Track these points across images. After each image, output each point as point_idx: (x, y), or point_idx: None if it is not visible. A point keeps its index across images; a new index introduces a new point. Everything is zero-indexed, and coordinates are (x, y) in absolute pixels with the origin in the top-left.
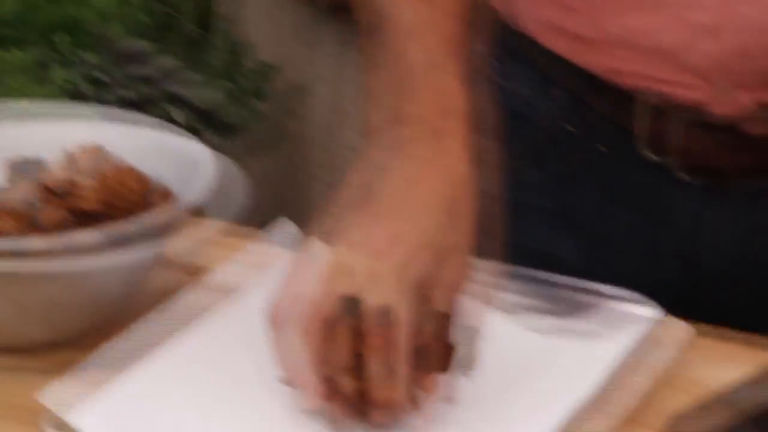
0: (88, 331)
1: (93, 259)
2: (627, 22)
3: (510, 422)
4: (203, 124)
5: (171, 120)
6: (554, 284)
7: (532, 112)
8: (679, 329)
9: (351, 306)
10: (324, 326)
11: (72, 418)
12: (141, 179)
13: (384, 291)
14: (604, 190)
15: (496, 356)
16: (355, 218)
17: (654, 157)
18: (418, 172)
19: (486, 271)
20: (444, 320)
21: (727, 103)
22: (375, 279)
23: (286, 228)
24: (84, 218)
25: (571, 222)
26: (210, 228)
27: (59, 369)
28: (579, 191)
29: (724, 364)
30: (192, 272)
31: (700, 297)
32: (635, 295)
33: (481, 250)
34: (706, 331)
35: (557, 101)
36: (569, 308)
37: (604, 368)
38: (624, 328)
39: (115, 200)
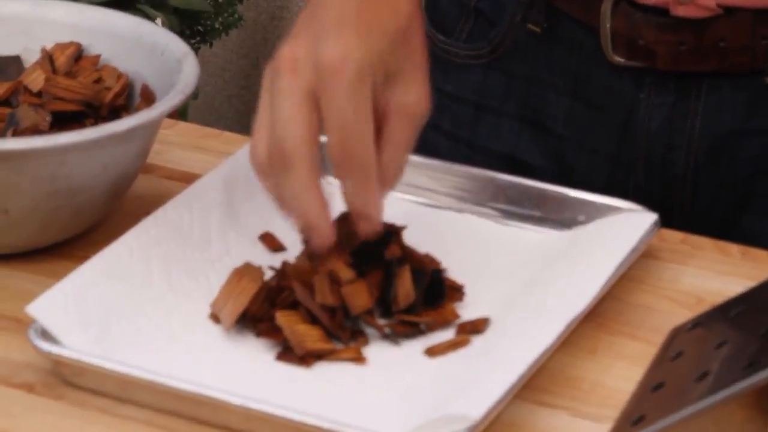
0: (74, 240)
1: (74, 159)
2: None
3: (506, 337)
4: (184, 27)
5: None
6: (544, 193)
7: (497, 13)
8: (677, 241)
9: None
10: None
11: (31, 310)
12: (120, 77)
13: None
14: (571, 94)
15: (489, 268)
16: (299, 38)
17: (620, 59)
18: (366, 2)
19: None
20: None
21: (689, 6)
22: (328, 82)
23: None
24: (62, 118)
25: (538, 126)
26: (197, 133)
27: (46, 278)
28: (544, 95)
29: (722, 278)
30: (178, 178)
31: (672, 205)
32: (631, 204)
33: None
34: (702, 244)
35: (521, 1)
36: (561, 218)
37: (599, 280)
38: (619, 238)
39: (94, 100)
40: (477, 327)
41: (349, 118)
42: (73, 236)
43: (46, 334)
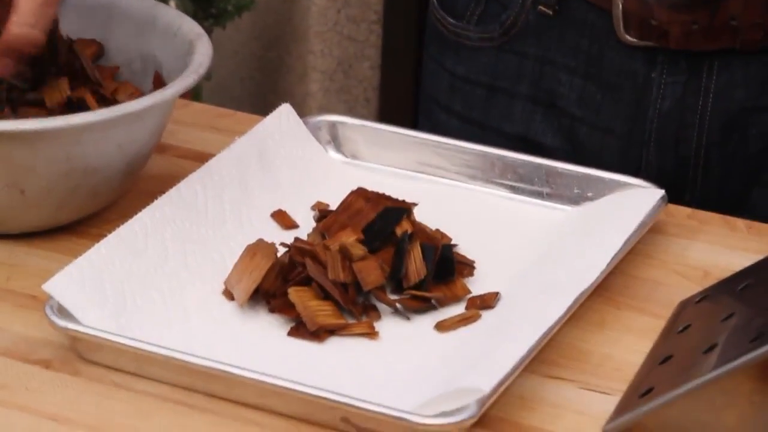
0: (90, 218)
1: (89, 139)
2: None
3: (515, 311)
4: (196, 9)
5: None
6: (553, 170)
7: None
8: (684, 216)
9: None
10: None
11: (47, 287)
12: (133, 95)
13: None
14: (583, 74)
15: (502, 243)
16: None
17: (632, 39)
18: None
19: None
20: None
21: None
22: None
23: (285, 113)
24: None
25: (550, 107)
26: (210, 113)
27: (62, 256)
28: (556, 75)
29: (729, 252)
30: (192, 157)
31: (684, 182)
32: (638, 181)
33: None
34: (709, 219)
35: None
36: (570, 194)
37: (608, 255)
38: (627, 213)
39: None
40: (487, 302)
41: None
42: (88, 215)
43: (62, 311)
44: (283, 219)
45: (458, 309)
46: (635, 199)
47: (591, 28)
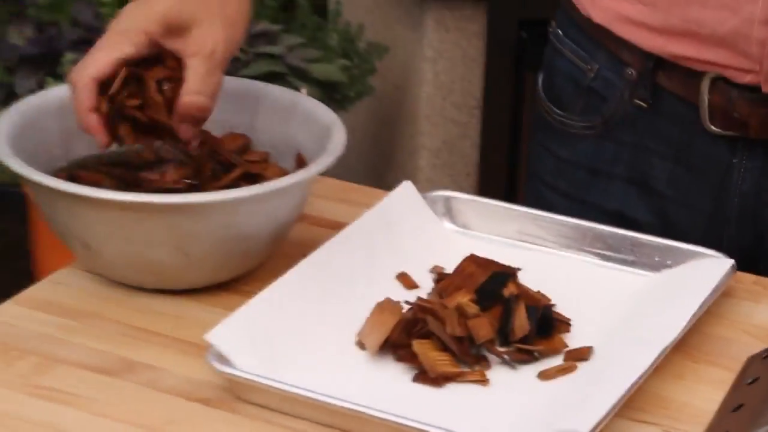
0: (242, 277)
1: (245, 210)
2: (688, 14)
3: (607, 363)
4: (324, 95)
5: (296, 91)
6: (638, 241)
7: (608, 91)
8: (750, 282)
9: None
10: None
11: (209, 336)
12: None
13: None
14: (673, 159)
15: (594, 304)
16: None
17: (716, 130)
18: None
19: None
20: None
21: None
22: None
23: (407, 189)
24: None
25: (643, 187)
26: (341, 187)
27: (219, 309)
28: (650, 160)
29: None
30: (327, 225)
31: (761, 254)
32: (711, 251)
33: None
34: None
35: (629, 80)
36: (652, 262)
37: (685, 316)
38: (702, 280)
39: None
40: (582, 354)
41: (90, 54)
42: (241, 274)
43: (221, 357)
44: (406, 280)
45: (557, 360)
46: (709, 267)
47: (680, 119)
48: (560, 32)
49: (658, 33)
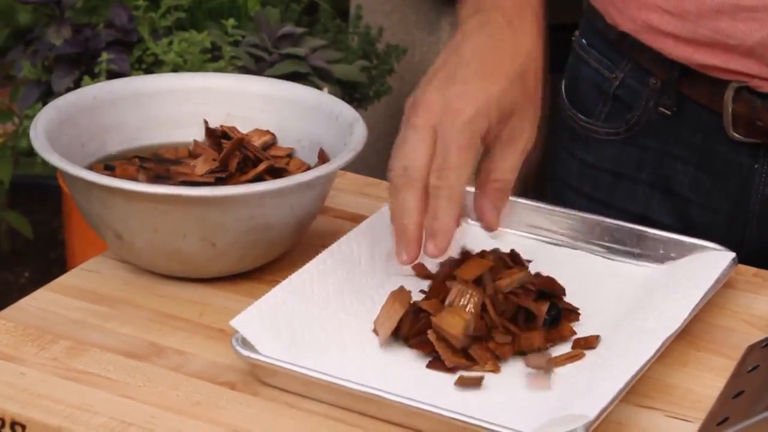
0: (265, 267)
1: (270, 202)
2: (717, 25)
3: (613, 351)
4: (344, 94)
5: (319, 90)
6: (643, 234)
7: (632, 98)
8: (751, 274)
9: None
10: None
11: (234, 323)
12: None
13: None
14: (696, 164)
15: (601, 294)
16: (433, 83)
17: (739, 137)
18: (491, 45)
19: None
20: None
21: None
22: (447, 121)
23: None
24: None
25: (667, 191)
26: (361, 182)
27: (244, 297)
28: (674, 165)
29: None
30: (348, 218)
31: None
32: (713, 244)
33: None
34: None
35: (654, 88)
36: (657, 254)
37: (689, 306)
38: (705, 271)
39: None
40: (590, 343)
41: (452, 152)
42: (265, 264)
43: (245, 343)
44: (421, 270)
45: (566, 348)
46: (711, 259)
47: (704, 126)
48: (584, 41)
49: (685, 43)
